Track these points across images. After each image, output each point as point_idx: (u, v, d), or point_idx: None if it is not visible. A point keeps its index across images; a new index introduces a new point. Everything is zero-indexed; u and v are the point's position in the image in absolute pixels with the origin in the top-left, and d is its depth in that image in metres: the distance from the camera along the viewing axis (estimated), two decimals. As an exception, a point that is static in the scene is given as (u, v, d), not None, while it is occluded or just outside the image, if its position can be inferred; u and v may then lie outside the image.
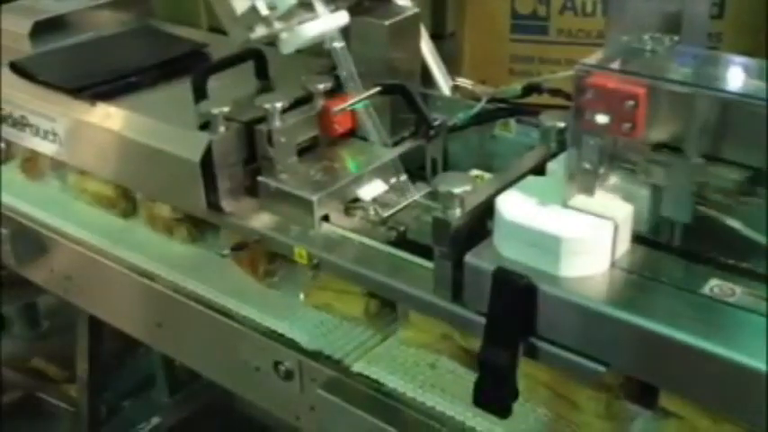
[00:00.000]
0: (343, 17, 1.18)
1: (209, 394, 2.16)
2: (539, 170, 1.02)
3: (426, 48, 1.32)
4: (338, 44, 1.18)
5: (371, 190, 1.20)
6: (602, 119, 0.84)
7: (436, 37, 1.38)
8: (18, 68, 1.45)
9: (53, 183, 1.60)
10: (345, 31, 1.19)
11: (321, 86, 1.25)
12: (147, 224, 1.46)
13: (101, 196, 1.50)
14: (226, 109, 1.18)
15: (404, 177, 1.21)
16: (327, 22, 1.16)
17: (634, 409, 0.97)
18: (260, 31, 1.15)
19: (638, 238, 0.93)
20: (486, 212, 0.96)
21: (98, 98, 1.34)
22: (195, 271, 1.33)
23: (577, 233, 0.87)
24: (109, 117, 1.32)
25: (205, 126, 1.20)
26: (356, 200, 1.19)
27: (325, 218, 1.17)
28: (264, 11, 1.12)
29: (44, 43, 1.55)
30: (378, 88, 1.21)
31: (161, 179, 1.28)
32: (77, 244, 1.45)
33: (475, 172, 1.22)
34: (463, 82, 1.31)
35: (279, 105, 1.18)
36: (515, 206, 0.92)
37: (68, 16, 1.62)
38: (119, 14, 1.67)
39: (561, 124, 1.09)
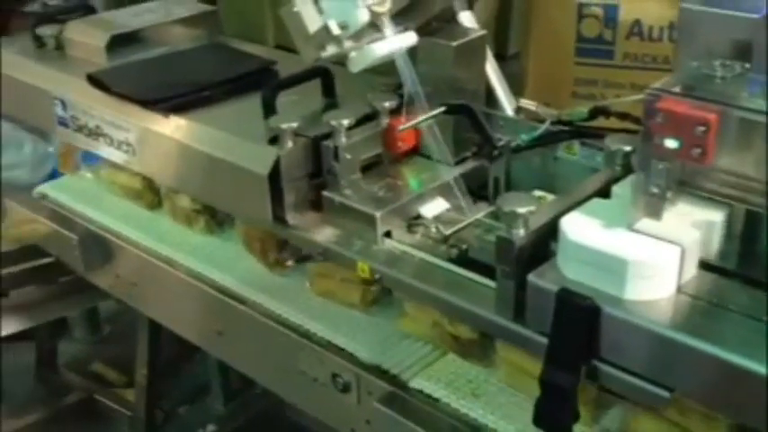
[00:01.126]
0: (411, 38, 1.19)
1: (263, 403, 2.19)
2: (603, 193, 1.03)
3: (491, 69, 1.33)
4: (405, 64, 1.19)
5: (434, 208, 1.21)
6: (671, 144, 0.84)
7: (499, 57, 1.39)
8: (95, 80, 1.50)
9: (86, 176, 1.71)
10: (412, 51, 1.21)
11: (387, 104, 1.27)
12: (169, 215, 1.55)
13: (129, 188, 1.60)
14: (295, 124, 1.21)
15: (466, 196, 1.22)
16: (396, 43, 1.18)
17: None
18: (330, 50, 1.17)
19: (704, 264, 0.92)
20: (549, 233, 0.97)
21: (171, 111, 1.38)
22: (256, 283, 1.36)
23: (644, 256, 0.87)
24: (180, 129, 1.36)
25: (273, 140, 1.23)
26: (418, 217, 1.21)
27: (388, 234, 1.19)
28: (336, 30, 1.14)
29: (120, 56, 1.60)
30: (443, 108, 1.22)
31: (229, 191, 1.31)
32: (144, 251, 1.50)
33: (537, 193, 1.23)
34: (527, 103, 1.32)
35: (345, 122, 1.21)
36: (580, 227, 0.92)
37: (143, 31, 1.67)
38: (190, 31, 1.72)
39: (627, 148, 1.09)
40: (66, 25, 1.68)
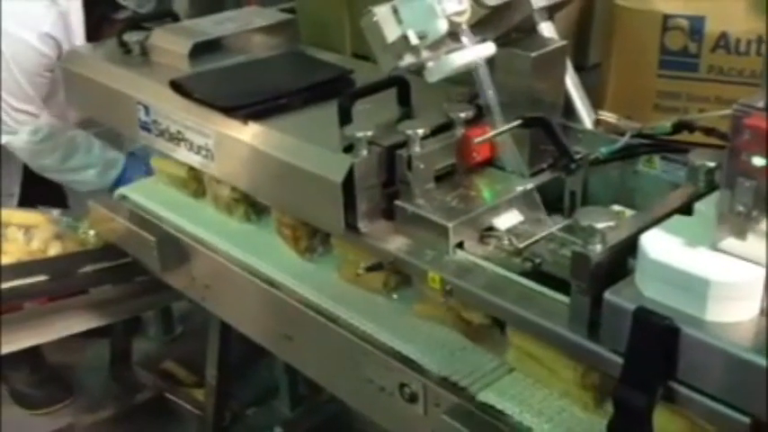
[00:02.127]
0: (489, 48, 1.19)
1: (330, 410, 2.19)
2: (685, 210, 1.00)
3: (570, 80, 1.31)
4: (483, 74, 1.19)
5: (507, 220, 1.20)
6: (759, 161, 0.82)
7: (578, 68, 1.37)
8: (177, 86, 1.54)
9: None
10: (491, 62, 1.20)
11: (462, 115, 1.27)
12: (211, 203, 1.63)
13: (175, 177, 1.69)
14: (370, 133, 1.22)
15: (540, 209, 1.20)
16: (474, 53, 1.17)
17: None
18: (408, 60, 1.18)
19: (791, 287, 0.88)
20: (627, 250, 0.95)
21: (249, 117, 1.41)
22: (328, 290, 1.37)
23: (727, 277, 0.84)
24: (258, 136, 1.39)
25: (348, 149, 1.24)
26: (491, 229, 1.20)
27: (460, 245, 1.18)
28: (415, 40, 1.15)
29: (201, 63, 1.63)
30: (519, 121, 1.21)
31: (303, 198, 1.32)
32: (219, 255, 1.53)
33: (615, 207, 1.20)
34: (607, 116, 1.29)
35: (420, 132, 1.21)
36: (661, 245, 0.90)
37: (224, 39, 1.70)
38: (269, 39, 1.74)
39: (711, 164, 1.06)
40: (151, 32, 1.72)
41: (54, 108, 2.21)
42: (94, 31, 2.18)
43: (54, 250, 2.00)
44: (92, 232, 2.00)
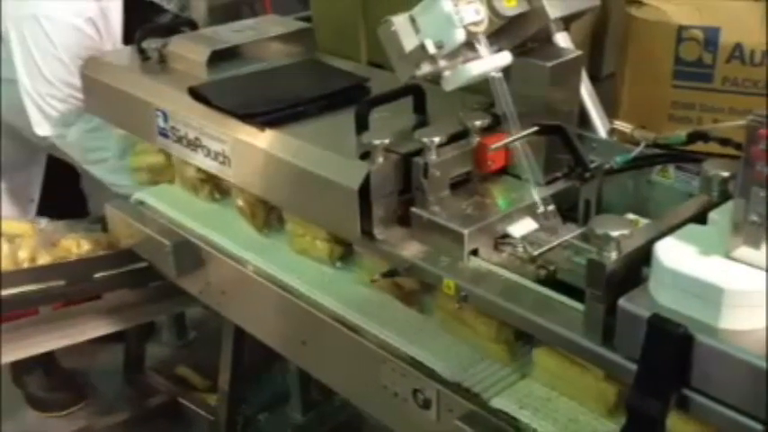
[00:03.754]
0: (505, 57, 1.20)
1: (342, 415, 2.20)
2: (699, 219, 1.01)
3: (585, 90, 1.32)
4: (500, 83, 1.20)
5: (522, 227, 1.21)
6: (774, 171, 0.82)
7: (593, 78, 1.38)
8: (195, 93, 1.56)
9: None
10: (507, 71, 1.22)
11: (478, 123, 1.28)
12: (179, 185, 1.73)
13: (153, 165, 1.76)
14: (386, 141, 1.23)
15: (555, 217, 1.21)
16: (491, 62, 1.18)
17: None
18: (425, 69, 1.19)
19: (804, 296, 0.89)
20: (642, 258, 0.96)
21: (266, 125, 1.42)
22: (343, 296, 1.38)
23: (741, 285, 0.85)
24: (275, 143, 1.40)
25: (365, 156, 1.25)
26: (506, 236, 1.21)
27: (474, 252, 1.19)
28: (432, 49, 1.16)
29: (219, 71, 1.65)
30: (535, 128, 1.22)
31: (319, 204, 1.33)
32: (235, 260, 1.54)
33: (630, 216, 1.21)
34: (622, 125, 1.30)
35: (436, 139, 1.22)
36: (675, 253, 0.91)
37: (242, 47, 1.72)
38: (287, 47, 1.76)
39: (725, 173, 1.06)
40: (169, 40, 1.74)
41: None
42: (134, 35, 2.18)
43: (42, 260, 1.98)
44: (108, 236, 2.00)
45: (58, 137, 2.09)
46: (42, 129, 2.07)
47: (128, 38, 2.13)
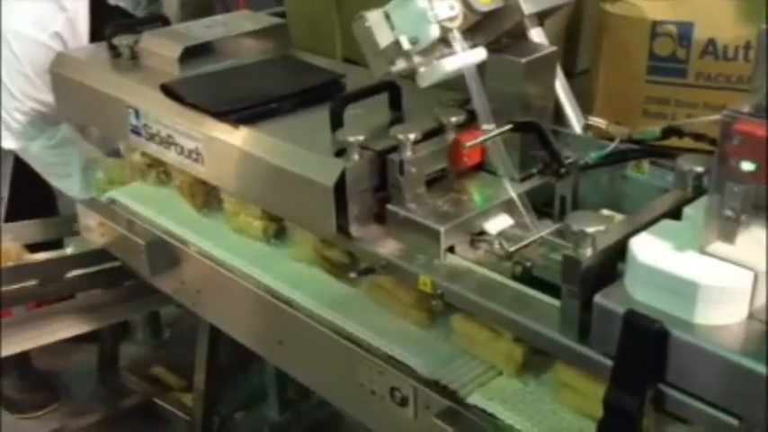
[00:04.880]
0: (480, 53, 1.20)
1: (319, 414, 2.20)
2: (674, 214, 1.01)
3: (560, 86, 1.32)
4: (475, 79, 1.19)
5: (498, 224, 1.21)
6: (747, 166, 0.83)
7: (568, 74, 1.38)
8: (168, 90, 1.54)
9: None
10: (482, 67, 1.21)
11: (454, 119, 1.27)
12: (128, 170, 1.77)
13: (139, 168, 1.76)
14: (361, 137, 1.22)
15: (531, 213, 1.21)
16: (465, 58, 1.18)
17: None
18: (400, 65, 1.18)
19: (779, 291, 0.90)
20: (617, 254, 0.96)
21: (240, 122, 1.41)
22: (320, 295, 1.37)
23: (716, 280, 0.85)
24: (249, 140, 1.39)
25: (340, 153, 1.24)
26: (482, 233, 1.20)
27: (451, 249, 1.19)
28: (407, 45, 1.15)
29: (192, 68, 1.63)
30: (510, 125, 1.21)
31: (294, 202, 1.32)
32: (209, 259, 1.52)
33: (604, 212, 1.21)
34: (596, 121, 1.30)
35: (411, 136, 1.21)
36: (650, 249, 0.91)
37: (215, 43, 1.70)
38: (260, 43, 1.75)
39: (699, 169, 1.07)
40: (141, 36, 1.72)
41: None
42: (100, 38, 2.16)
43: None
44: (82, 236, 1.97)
45: (21, 150, 2.11)
46: (7, 142, 2.09)
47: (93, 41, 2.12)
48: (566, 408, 1.09)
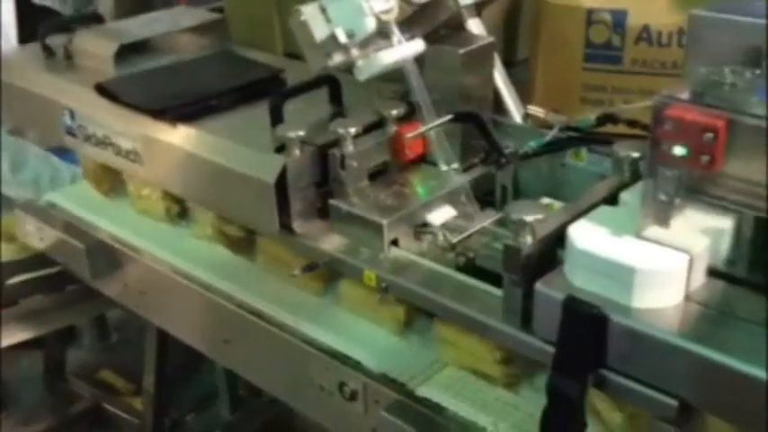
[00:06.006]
0: (418, 45, 1.19)
1: (271, 411, 2.18)
2: (611, 200, 1.02)
3: (499, 75, 1.33)
4: (413, 71, 1.19)
5: (441, 215, 1.21)
6: (679, 151, 0.84)
7: (507, 64, 1.39)
8: (103, 90, 1.51)
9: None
10: (420, 59, 1.21)
11: (394, 112, 1.27)
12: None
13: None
14: (302, 133, 1.21)
15: (473, 204, 1.21)
16: (403, 51, 1.18)
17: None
18: (337, 58, 1.17)
19: (713, 272, 0.91)
20: (557, 241, 0.96)
21: (178, 120, 1.38)
22: (264, 292, 1.36)
23: (651, 264, 0.86)
24: (188, 138, 1.36)
25: (280, 149, 1.23)
26: (425, 225, 1.20)
27: (395, 242, 1.18)
28: (343, 38, 1.14)
29: (128, 66, 1.60)
30: (450, 116, 1.22)
31: (236, 200, 1.31)
32: (152, 261, 1.50)
33: (545, 200, 1.22)
34: (535, 110, 1.31)
35: (352, 130, 1.21)
36: (588, 235, 0.92)
37: (151, 41, 1.67)
38: (198, 39, 1.72)
39: (635, 154, 1.08)
40: (74, 35, 1.68)
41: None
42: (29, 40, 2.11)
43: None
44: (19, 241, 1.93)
45: None
46: None
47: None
48: (449, 362, 1.16)
